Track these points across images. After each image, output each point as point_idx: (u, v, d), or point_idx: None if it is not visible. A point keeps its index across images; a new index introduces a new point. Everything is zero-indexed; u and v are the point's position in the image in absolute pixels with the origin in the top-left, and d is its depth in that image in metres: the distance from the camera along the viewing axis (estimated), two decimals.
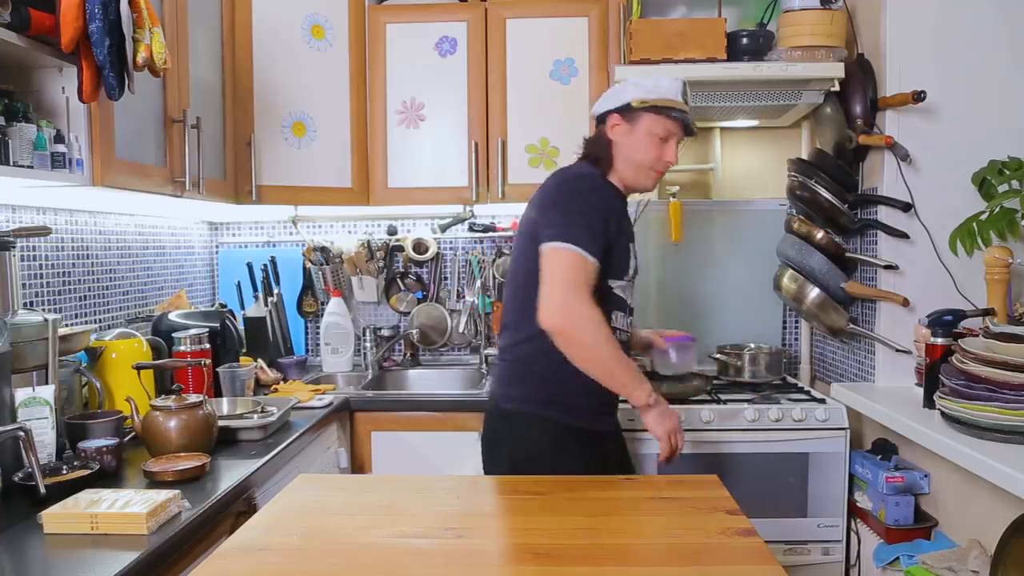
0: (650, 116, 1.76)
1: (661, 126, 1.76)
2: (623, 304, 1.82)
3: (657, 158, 1.78)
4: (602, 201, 1.73)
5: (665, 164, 1.79)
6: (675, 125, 1.77)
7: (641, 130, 1.77)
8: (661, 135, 1.77)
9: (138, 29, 1.60)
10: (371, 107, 2.69)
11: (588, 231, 1.65)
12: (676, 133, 1.79)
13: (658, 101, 1.75)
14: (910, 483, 2.08)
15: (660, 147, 1.78)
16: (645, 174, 1.80)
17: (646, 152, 1.78)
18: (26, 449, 1.38)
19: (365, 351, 2.87)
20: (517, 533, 1.25)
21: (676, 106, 1.76)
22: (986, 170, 2.05)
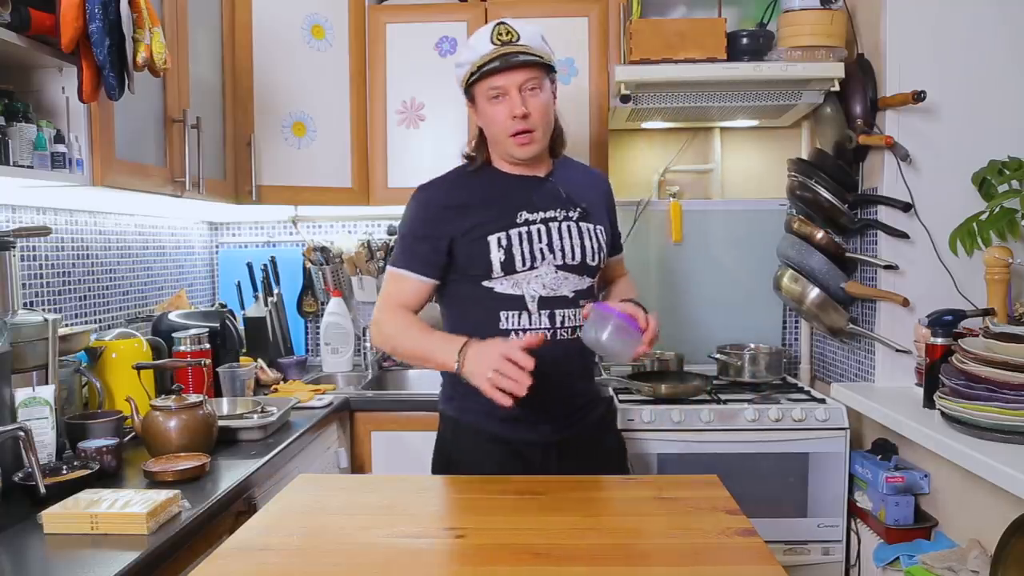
0: (477, 86, 1.60)
1: (487, 87, 1.58)
2: (516, 302, 1.62)
3: (504, 120, 1.58)
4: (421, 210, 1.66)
5: (513, 122, 1.58)
6: (501, 75, 1.56)
7: (480, 106, 1.62)
8: (493, 95, 1.58)
9: (138, 29, 1.60)
10: (371, 107, 2.69)
11: (403, 246, 1.67)
12: (508, 80, 1.56)
13: (472, 67, 1.58)
14: (910, 483, 2.08)
15: (499, 108, 1.58)
16: (506, 144, 1.61)
17: (493, 122, 1.60)
18: (26, 449, 1.38)
19: (365, 351, 2.87)
20: (517, 533, 1.25)
21: (488, 59, 1.56)
22: (986, 170, 2.05)
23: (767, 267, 2.65)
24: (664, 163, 2.96)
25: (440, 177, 1.73)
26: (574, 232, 1.65)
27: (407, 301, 1.65)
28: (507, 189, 1.66)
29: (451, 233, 1.62)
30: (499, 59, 1.56)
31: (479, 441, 1.66)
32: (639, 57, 2.36)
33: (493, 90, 1.58)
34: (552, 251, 1.62)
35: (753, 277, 2.84)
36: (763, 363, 2.65)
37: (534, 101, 1.58)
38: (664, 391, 2.38)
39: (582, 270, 1.65)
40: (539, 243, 1.62)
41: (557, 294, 1.62)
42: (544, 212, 1.64)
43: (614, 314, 1.48)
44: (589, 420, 1.72)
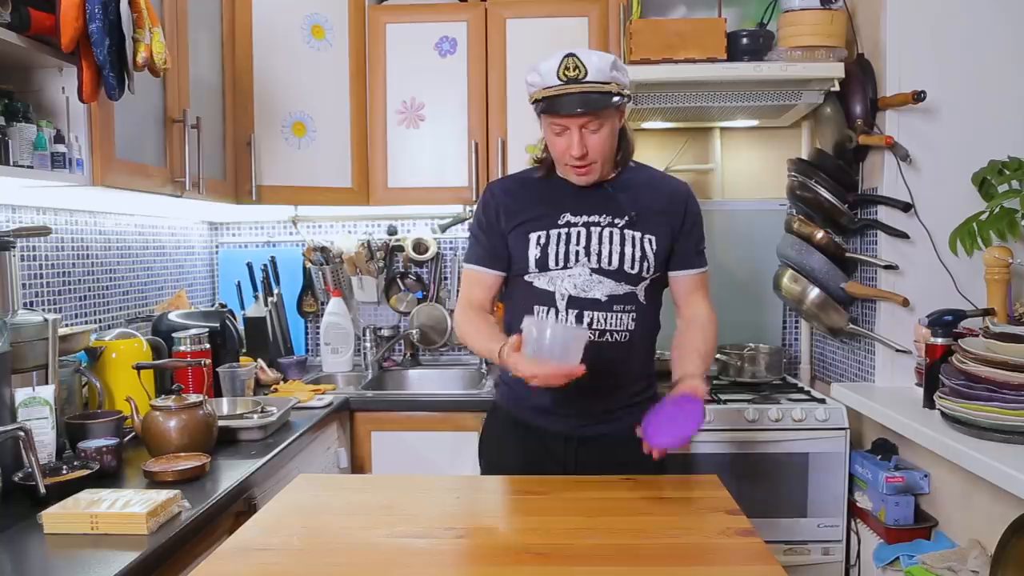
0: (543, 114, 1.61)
1: (548, 120, 1.60)
2: (548, 297, 1.65)
3: (561, 153, 1.62)
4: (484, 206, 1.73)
5: (571, 159, 1.60)
6: (561, 116, 1.56)
7: (544, 126, 1.64)
8: (555, 130, 1.60)
9: (138, 29, 1.60)
10: (371, 107, 2.69)
11: (472, 242, 1.76)
12: (570, 121, 1.57)
13: (535, 95, 1.59)
14: (910, 483, 2.08)
15: (560, 141, 1.61)
16: (564, 169, 1.67)
17: (552, 148, 1.65)
18: (26, 449, 1.38)
19: (365, 351, 2.87)
20: (517, 533, 1.25)
21: (550, 95, 1.55)
22: (986, 170, 2.05)
23: (767, 267, 2.65)
24: (664, 163, 2.96)
25: (508, 176, 1.84)
26: (615, 238, 1.66)
27: (479, 296, 1.73)
28: (559, 192, 1.70)
29: (505, 228, 1.70)
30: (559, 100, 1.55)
31: (508, 426, 1.76)
32: (639, 57, 2.36)
33: (555, 126, 1.60)
34: (588, 254, 1.64)
35: (753, 277, 2.84)
36: (763, 363, 2.65)
37: (593, 139, 1.59)
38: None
39: (619, 276, 1.65)
40: (576, 245, 1.65)
41: (588, 296, 1.64)
42: (588, 216, 1.67)
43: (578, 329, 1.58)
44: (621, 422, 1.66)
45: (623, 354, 1.67)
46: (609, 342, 1.64)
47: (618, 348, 1.65)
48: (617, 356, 1.65)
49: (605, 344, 1.63)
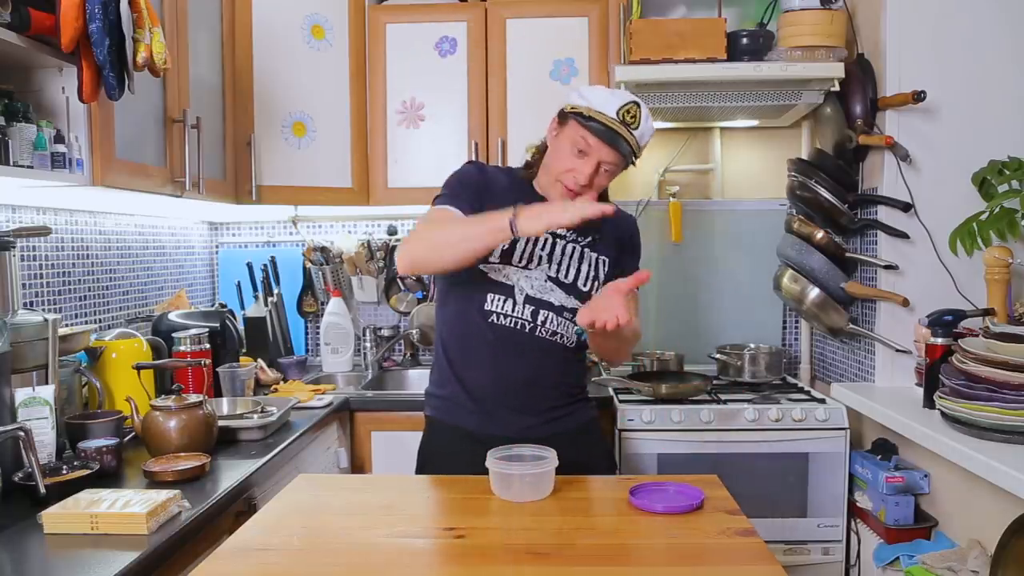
0: (574, 123, 1.62)
1: (581, 136, 1.60)
2: (505, 289, 1.64)
3: (567, 169, 1.62)
4: (465, 174, 1.71)
5: (573, 179, 1.61)
6: (598, 142, 1.59)
7: (564, 136, 1.64)
8: (580, 147, 1.60)
9: (138, 29, 1.60)
10: (371, 107, 2.69)
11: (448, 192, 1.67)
12: (599, 152, 1.60)
13: (585, 110, 1.60)
14: (910, 483, 2.08)
15: (574, 159, 1.61)
16: (553, 185, 1.66)
17: (559, 159, 1.64)
18: (26, 449, 1.38)
19: (365, 351, 2.87)
20: (517, 533, 1.25)
21: (603, 120, 1.58)
22: (986, 170, 2.05)
23: (767, 267, 2.65)
24: (664, 163, 2.96)
25: (495, 165, 1.83)
26: (576, 254, 1.69)
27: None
28: (532, 199, 1.69)
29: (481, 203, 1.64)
30: (610, 131, 1.58)
31: (454, 438, 1.70)
32: (639, 57, 2.36)
33: (582, 142, 1.60)
34: (549, 261, 1.66)
35: (753, 277, 2.84)
36: (763, 363, 2.65)
37: (599, 180, 1.64)
38: (664, 391, 2.38)
39: (571, 290, 1.67)
40: (540, 249, 1.66)
41: (544, 298, 1.66)
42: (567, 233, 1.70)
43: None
44: (568, 422, 1.71)
45: (570, 355, 1.71)
46: (558, 343, 1.67)
47: (565, 351, 1.69)
48: (564, 357, 1.69)
49: (556, 344, 1.67)
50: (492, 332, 1.65)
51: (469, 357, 1.69)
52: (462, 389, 1.69)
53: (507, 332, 1.64)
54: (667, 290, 2.90)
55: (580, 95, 1.63)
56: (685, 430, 2.27)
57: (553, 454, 1.41)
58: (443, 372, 1.73)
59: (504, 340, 1.65)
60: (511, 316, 1.65)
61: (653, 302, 2.89)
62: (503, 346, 1.65)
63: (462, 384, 1.69)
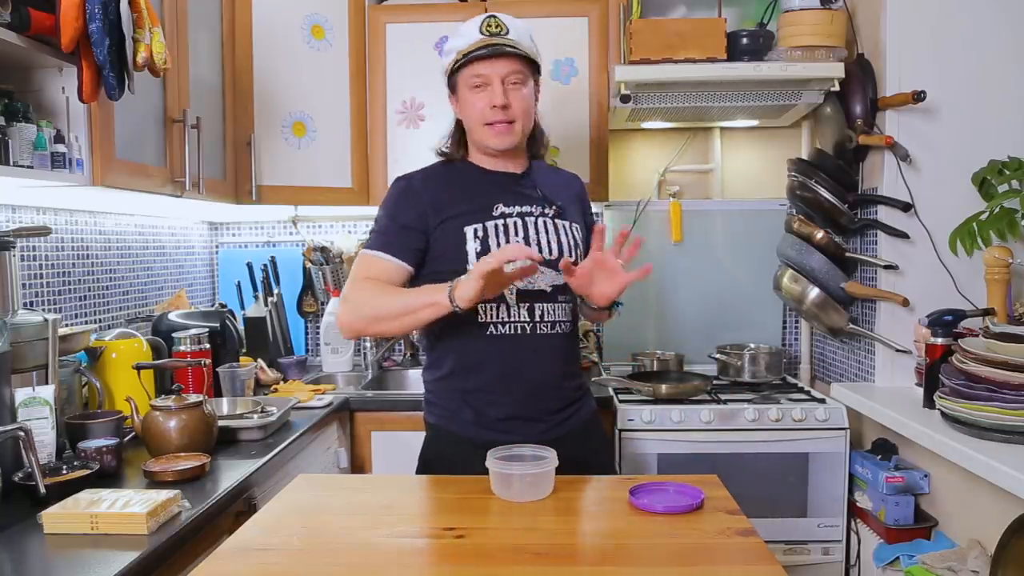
0: (460, 76, 1.60)
1: (469, 76, 1.58)
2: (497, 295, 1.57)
3: (482, 109, 1.58)
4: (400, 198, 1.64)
5: (492, 111, 1.57)
6: (483, 63, 1.56)
7: (461, 94, 1.61)
8: (476, 83, 1.58)
9: (138, 29, 1.60)
10: (371, 107, 2.69)
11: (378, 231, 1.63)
12: (492, 70, 1.56)
13: (457, 55, 1.58)
14: (910, 483, 2.08)
15: (480, 97, 1.58)
16: (481, 132, 1.61)
17: (471, 109, 1.60)
18: (26, 449, 1.38)
19: (365, 351, 2.87)
20: (517, 533, 1.25)
21: (475, 47, 1.55)
22: (986, 170, 2.05)
23: (767, 267, 2.65)
24: (664, 163, 2.96)
25: (418, 170, 1.72)
26: (550, 228, 1.65)
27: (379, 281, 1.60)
28: (483, 183, 1.66)
29: (428, 223, 1.60)
30: (486, 48, 1.56)
31: (462, 448, 1.62)
32: (639, 57, 2.36)
33: (476, 78, 1.57)
34: (528, 245, 1.60)
35: (753, 277, 2.84)
36: (763, 363, 2.65)
37: (515, 94, 1.58)
38: (664, 391, 2.38)
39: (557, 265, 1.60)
40: (515, 236, 1.61)
41: (535, 287, 1.60)
42: (520, 207, 1.64)
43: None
44: (574, 421, 1.68)
45: (570, 343, 1.68)
46: (559, 333, 1.63)
47: (564, 339, 1.65)
48: (564, 347, 1.66)
49: (556, 336, 1.63)
50: (492, 344, 1.59)
51: (470, 372, 1.63)
52: (466, 404, 1.63)
53: (507, 341, 1.59)
54: (667, 290, 2.90)
55: (445, 52, 1.63)
56: (685, 430, 2.27)
57: (553, 454, 1.41)
58: (443, 383, 1.67)
59: (505, 351, 1.60)
60: (508, 322, 1.60)
61: (653, 302, 2.89)
62: (505, 357, 1.60)
63: (466, 400, 1.63)
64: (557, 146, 2.64)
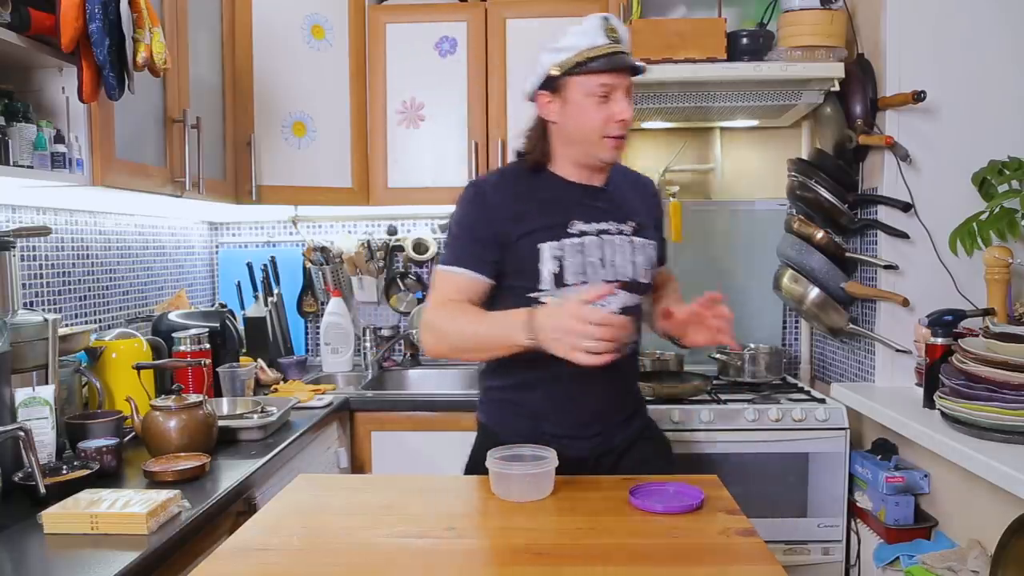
0: (574, 79, 1.48)
1: (593, 83, 1.47)
2: None
3: (604, 121, 1.48)
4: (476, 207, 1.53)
5: (619, 125, 1.49)
6: (612, 75, 1.47)
7: (571, 98, 1.49)
8: (600, 93, 1.47)
9: (138, 29, 1.60)
10: (371, 107, 2.69)
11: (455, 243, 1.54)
12: (618, 82, 1.48)
13: (578, 57, 1.47)
14: (910, 483, 2.08)
15: (602, 108, 1.48)
16: (596, 145, 1.51)
17: (586, 119, 1.49)
18: (26, 449, 1.38)
19: (365, 351, 2.87)
20: (517, 533, 1.25)
21: (601, 52, 1.46)
22: (986, 170, 2.05)
23: (767, 267, 2.64)
24: (664, 163, 2.96)
25: (495, 173, 1.63)
26: (627, 248, 1.57)
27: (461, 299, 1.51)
28: (563, 196, 1.56)
29: (504, 235, 1.51)
30: (613, 56, 1.46)
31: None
32: (639, 57, 2.35)
33: (602, 87, 1.47)
34: (604, 266, 1.53)
35: (753, 277, 2.84)
36: (763, 363, 2.65)
37: (631, 109, 1.51)
38: (664, 391, 2.38)
39: (632, 287, 1.57)
40: (591, 257, 1.53)
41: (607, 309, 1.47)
42: (598, 223, 1.55)
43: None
44: (627, 434, 1.64)
45: (632, 361, 1.65)
46: (625, 355, 1.55)
47: (628, 359, 1.60)
48: (627, 365, 1.60)
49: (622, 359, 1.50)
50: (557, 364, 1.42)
51: (532, 389, 1.57)
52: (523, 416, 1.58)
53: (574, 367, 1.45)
54: None
55: (556, 50, 1.50)
56: (685, 430, 2.27)
57: (553, 454, 1.41)
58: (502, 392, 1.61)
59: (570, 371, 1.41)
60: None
61: None
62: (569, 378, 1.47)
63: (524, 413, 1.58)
64: None
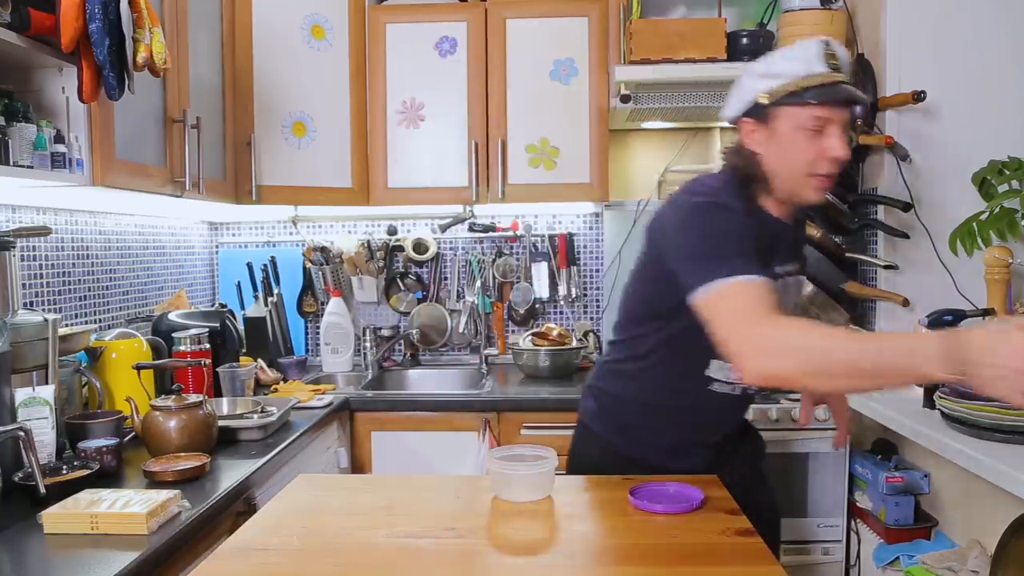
0: (787, 109, 1.33)
1: (808, 116, 1.32)
2: None
3: (814, 157, 1.34)
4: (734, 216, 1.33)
5: (830, 163, 1.35)
6: (830, 108, 1.32)
7: (781, 130, 1.35)
8: (814, 126, 1.33)
9: (138, 29, 1.60)
10: (371, 107, 2.69)
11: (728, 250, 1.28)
12: (836, 116, 1.33)
13: (792, 86, 1.32)
14: (910, 483, 2.08)
15: (815, 142, 1.33)
16: (800, 183, 1.37)
17: (796, 154, 1.34)
18: (26, 449, 1.38)
19: (365, 351, 2.87)
20: (517, 533, 1.25)
21: (818, 82, 1.31)
22: (986, 170, 2.05)
23: None
24: (664, 163, 2.96)
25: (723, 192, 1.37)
26: (793, 289, 1.54)
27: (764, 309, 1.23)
28: (771, 233, 1.43)
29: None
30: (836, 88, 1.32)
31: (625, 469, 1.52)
32: (639, 57, 2.36)
33: (816, 120, 1.32)
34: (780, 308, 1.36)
35: None
36: None
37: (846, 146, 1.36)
38: None
39: None
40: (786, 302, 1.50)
41: None
42: (786, 265, 1.49)
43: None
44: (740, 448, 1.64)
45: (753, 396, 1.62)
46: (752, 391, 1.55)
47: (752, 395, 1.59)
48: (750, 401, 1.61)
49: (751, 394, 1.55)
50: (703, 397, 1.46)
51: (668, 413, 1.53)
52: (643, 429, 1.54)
53: (720, 398, 1.48)
54: None
55: (768, 75, 1.35)
56: None
57: (553, 454, 1.41)
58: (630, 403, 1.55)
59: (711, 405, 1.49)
60: (734, 383, 1.48)
61: None
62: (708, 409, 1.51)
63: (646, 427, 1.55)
64: (558, 146, 2.64)
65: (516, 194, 2.65)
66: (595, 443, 1.61)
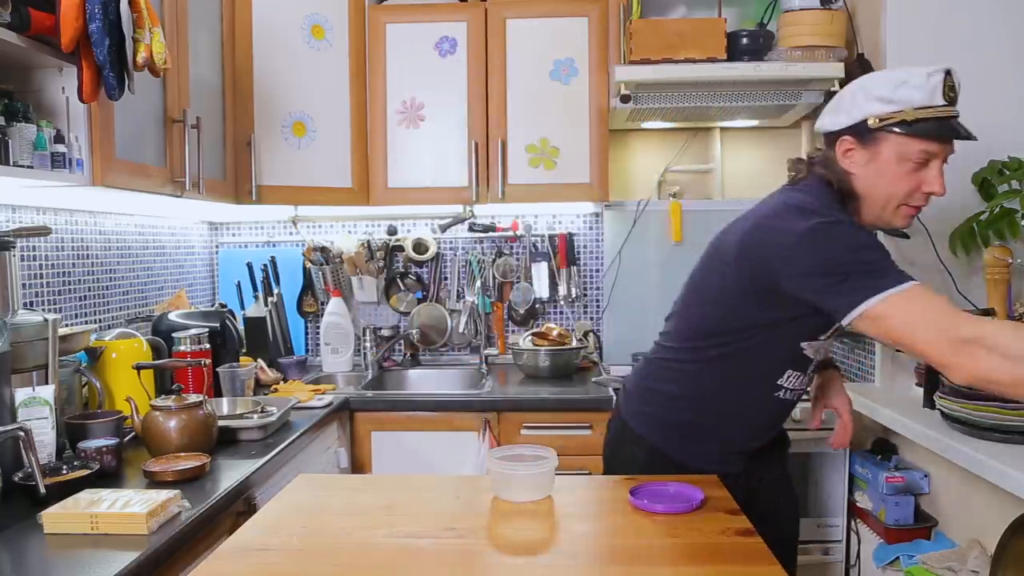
0: (895, 137, 1.31)
1: (915, 148, 1.31)
2: (804, 363, 1.47)
3: (912, 189, 1.33)
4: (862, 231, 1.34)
5: (921, 199, 1.34)
6: (940, 145, 1.31)
7: (886, 157, 1.33)
8: (916, 160, 1.31)
9: (138, 29, 1.60)
10: (371, 107, 2.69)
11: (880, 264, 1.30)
12: (940, 151, 1.32)
13: (906, 115, 1.29)
14: (910, 483, 2.08)
15: (916, 174, 1.32)
16: (891, 212, 1.36)
17: (893, 183, 1.33)
18: (26, 449, 1.38)
19: (365, 351, 2.87)
20: (517, 533, 1.25)
21: (934, 115, 1.29)
22: (986, 170, 2.05)
23: None
24: (664, 163, 2.96)
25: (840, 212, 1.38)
26: None
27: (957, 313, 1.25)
28: None
29: None
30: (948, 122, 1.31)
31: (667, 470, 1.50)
32: (639, 57, 2.36)
33: (923, 154, 1.32)
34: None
35: None
36: None
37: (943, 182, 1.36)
38: None
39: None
40: None
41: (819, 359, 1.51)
42: None
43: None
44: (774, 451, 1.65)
45: None
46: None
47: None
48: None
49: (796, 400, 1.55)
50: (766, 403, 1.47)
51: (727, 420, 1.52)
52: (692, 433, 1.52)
53: (779, 403, 1.49)
54: (667, 290, 2.89)
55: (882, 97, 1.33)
56: None
57: (553, 454, 1.41)
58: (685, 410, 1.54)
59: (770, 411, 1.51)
60: (796, 390, 1.50)
61: (653, 302, 2.89)
62: (766, 415, 1.53)
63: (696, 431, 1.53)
64: (557, 146, 2.64)
65: (516, 194, 2.65)
66: (638, 444, 1.57)
